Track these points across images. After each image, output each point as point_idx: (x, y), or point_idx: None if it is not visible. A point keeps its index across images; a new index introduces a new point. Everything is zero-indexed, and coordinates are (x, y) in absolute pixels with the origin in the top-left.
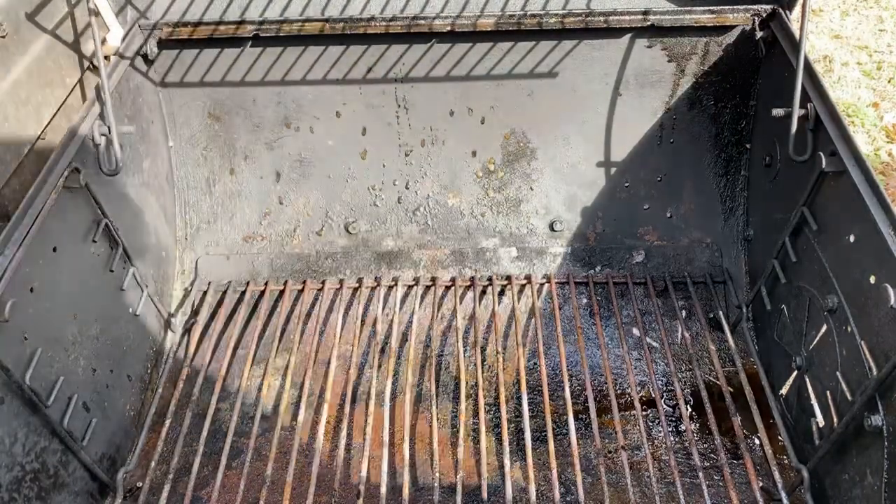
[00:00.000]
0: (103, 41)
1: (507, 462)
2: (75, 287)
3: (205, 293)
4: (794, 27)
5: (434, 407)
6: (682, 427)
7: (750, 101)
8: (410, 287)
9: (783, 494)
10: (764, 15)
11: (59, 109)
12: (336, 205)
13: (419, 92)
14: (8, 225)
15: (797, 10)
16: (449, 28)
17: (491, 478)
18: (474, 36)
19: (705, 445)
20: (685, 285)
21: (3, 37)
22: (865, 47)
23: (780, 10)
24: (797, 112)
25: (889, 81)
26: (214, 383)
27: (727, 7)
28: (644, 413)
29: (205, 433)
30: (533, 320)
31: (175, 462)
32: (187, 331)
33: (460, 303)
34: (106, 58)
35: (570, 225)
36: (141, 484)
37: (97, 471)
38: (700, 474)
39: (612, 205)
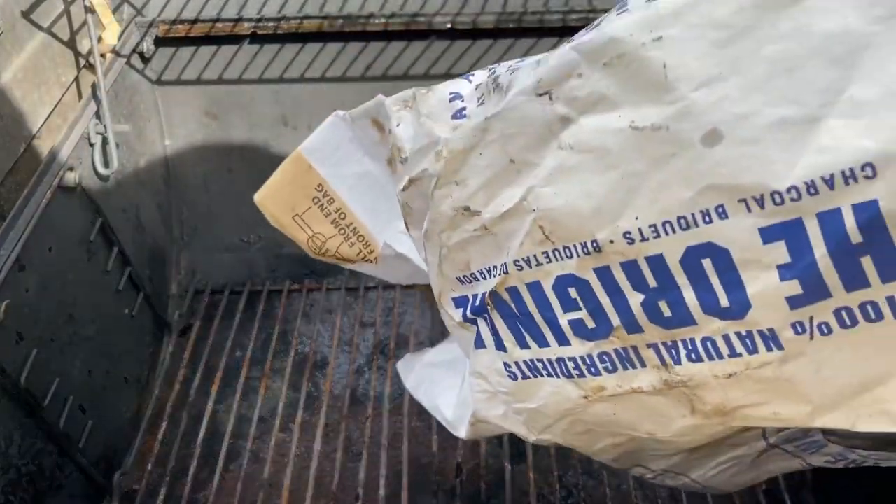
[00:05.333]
0: (99, 39)
1: (507, 465)
2: (71, 288)
3: (201, 294)
4: None
5: None
6: None
7: None
8: (410, 287)
9: (785, 495)
10: None
11: (54, 108)
12: None
13: None
14: (3, 225)
15: None
16: (449, 25)
17: (491, 481)
18: (474, 34)
19: None
20: None
21: (0, 34)
22: None
23: None
24: None
25: None
26: (211, 385)
27: None
28: None
29: (202, 435)
30: None
31: (172, 464)
32: (184, 332)
33: None
34: (102, 56)
35: None
36: (137, 486)
37: (93, 473)
38: None
39: None
